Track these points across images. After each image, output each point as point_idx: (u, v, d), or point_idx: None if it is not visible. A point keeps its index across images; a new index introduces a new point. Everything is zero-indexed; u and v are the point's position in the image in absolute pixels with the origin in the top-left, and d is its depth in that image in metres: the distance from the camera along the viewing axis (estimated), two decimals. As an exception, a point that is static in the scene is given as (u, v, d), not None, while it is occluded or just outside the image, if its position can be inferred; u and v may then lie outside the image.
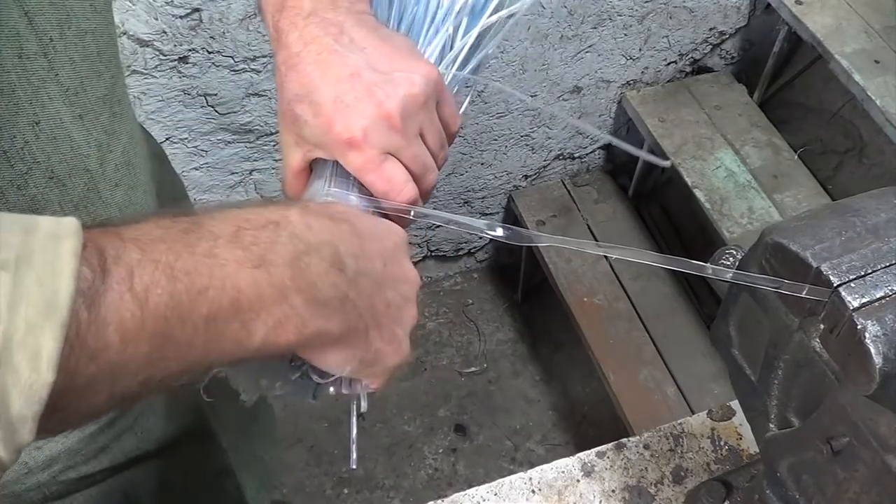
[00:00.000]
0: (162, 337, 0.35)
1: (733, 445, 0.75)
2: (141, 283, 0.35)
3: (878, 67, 1.57)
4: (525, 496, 0.72)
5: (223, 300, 0.37)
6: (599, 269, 1.81)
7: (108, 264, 0.34)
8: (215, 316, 0.37)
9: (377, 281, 0.46)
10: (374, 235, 0.47)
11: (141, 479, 0.66)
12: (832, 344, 0.44)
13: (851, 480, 0.46)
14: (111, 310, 0.34)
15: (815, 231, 0.45)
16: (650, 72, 1.89)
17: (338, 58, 0.52)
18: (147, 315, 0.35)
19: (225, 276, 0.38)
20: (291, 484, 1.78)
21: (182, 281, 0.36)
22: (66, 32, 0.47)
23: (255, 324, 0.39)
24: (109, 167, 0.54)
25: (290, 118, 0.54)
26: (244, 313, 0.38)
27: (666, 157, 1.77)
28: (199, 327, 0.37)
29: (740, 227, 1.63)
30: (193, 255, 0.37)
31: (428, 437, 1.86)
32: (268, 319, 0.39)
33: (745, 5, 1.85)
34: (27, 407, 0.30)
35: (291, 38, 0.53)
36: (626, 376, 1.65)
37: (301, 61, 0.52)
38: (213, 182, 1.60)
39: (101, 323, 0.33)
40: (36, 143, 0.47)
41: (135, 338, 0.34)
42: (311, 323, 0.41)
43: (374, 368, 0.48)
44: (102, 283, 0.34)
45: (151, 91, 1.39)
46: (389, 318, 0.47)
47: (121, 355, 0.34)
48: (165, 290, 0.35)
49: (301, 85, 0.52)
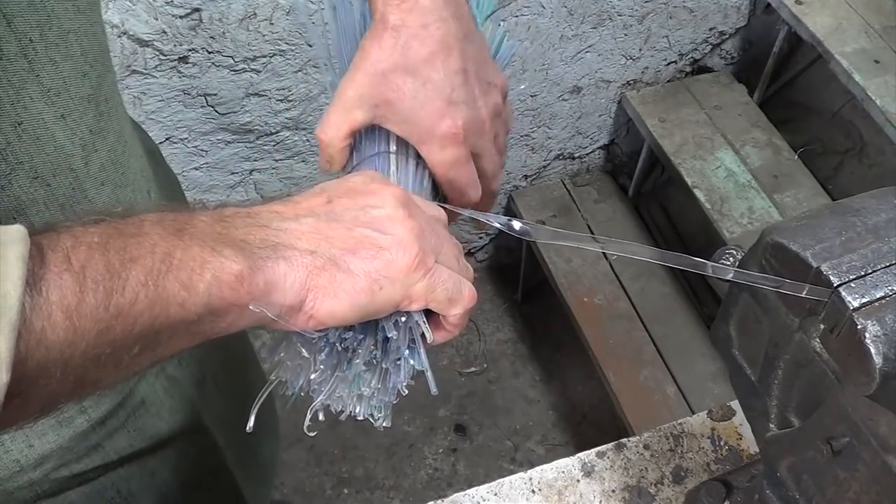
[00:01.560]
0: (104, 308, 0.36)
1: (733, 445, 0.75)
2: (77, 262, 0.36)
3: (878, 67, 1.57)
4: (525, 496, 0.72)
5: (155, 262, 0.38)
6: (599, 269, 1.81)
7: (44, 251, 0.35)
8: (152, 278, 0.38)
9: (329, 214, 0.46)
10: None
11: (135, 477, 0.66)
12: (832, 344, 0.44)
13: (851, 480, 0.46)
14: (52, 289, 0.35)
15: (815, 231, 0.45)
16: (650, 72, 1.89)
17: (457, 48, 0.54)
18: (87, 289, 0.36)
19: (153, 244, 0.39)
20: (291, 484, 1.78)
21: (116, 254, 0.37)
22: (46, 34, 0.47)
23: (193, 280, 0.39)
24: (95, 166, 0.54)
25: (394, 84, 0.54)
26: (177, 271, 0.39)
27: (666, 157, 1.77)
28: (137, 291, 0.37)
29: (740, 227, 1.63)
30: (123, 236, 0.38)
31: (428, 437, 1.86)
32: (204, 273, 0.40)
33: (745, 5, 1.85)
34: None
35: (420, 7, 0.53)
36: (626, 376, 1.65)
37: (428, 36, 0.53)
38: (213, 182, 1.60)
39: (45, 302, 0.34)
40: (19, 143, 0.47)
41: (78, 312, 0.35)
42: (255, 274, 0.41)
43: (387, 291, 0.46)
44: (41, 268, 0.35)
45: (151, 91, 1.39)
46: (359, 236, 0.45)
47: (68, 332, 0.35)
48: (100, 262, 0.37)
49: (421, 61, 0.53)
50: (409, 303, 0.47)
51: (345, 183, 0.49)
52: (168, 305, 0.38)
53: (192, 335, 0.41)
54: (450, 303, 0.49)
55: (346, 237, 0.45)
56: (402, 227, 0.46)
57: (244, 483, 0.81)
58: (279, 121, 1.54)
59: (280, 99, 1.50)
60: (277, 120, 1.54)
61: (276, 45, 1.41)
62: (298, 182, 1.68)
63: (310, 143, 1.62)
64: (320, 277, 0.44)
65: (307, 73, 1.48)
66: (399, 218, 0.47)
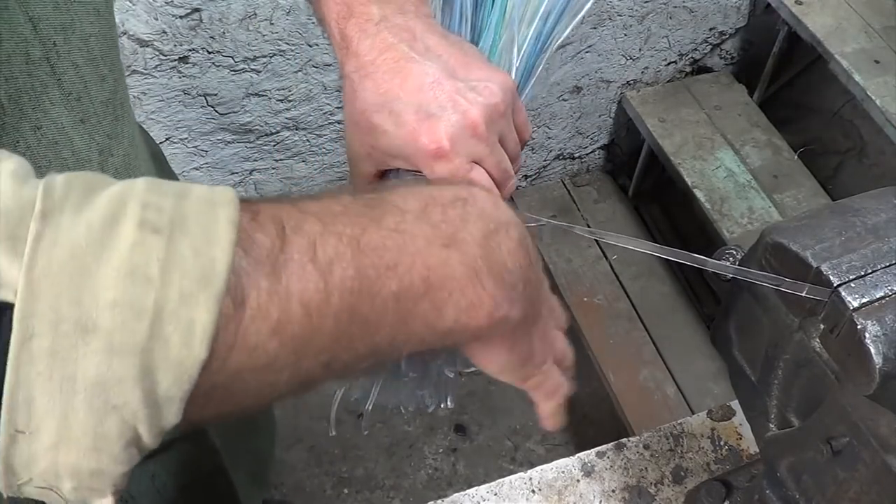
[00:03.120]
0: (348, 313, 0.33)
1: (733, 445, 0.75)
2: (324, 255, 0.33)
3: (878, 67, 1.57)
4: (525, 496, 0.72)
5: (413, 278, 0.35)
6: (599, 269, 1.81)
7: (286, 233, 0.32)
8: (405, 294, 0.35)
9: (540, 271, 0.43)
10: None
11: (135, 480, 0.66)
12: (832, 344, 0.44)
13: (851, 480, 0.46)
14: (293, 280, 0.31)
15: (815, 231, 0.45)
16: (650, 72, 1.89)
17: (416, 66, 0.50)
18: (332, 289, 0.32)
19: (415, 252, 0.36)
20: (291, 484, 1.78)
21: (369, 255, 0.34)
22: (69, 37, 0.47)
23: (447, 304, 0.37)
24: (110, 171, 0.54)
25: (366, 128, 0.52)
26: (435, 292, 0.36)
27: (666, 157, 1.77)
28: (388, 305, 0.34)
29: (740, 227, 1.63)
30: (380, 230, 0.35)
31: (428, 437, 1.85)
32: (460, 300, 0.37)
33: (745, 5, 1.85)
34: (176, 386, 0.28)
35: (363, 46, 0.51)
36: (626, 376, 1.65)
37: (377, 69, 0.51)
38: (213, 182, 1.60)
39: (284, 293, 0.31)
40: (38, 148, 0.47)
41: (319, 312, 0.32)
42: (502, 306, 0.39)
43: (525, 370, 0.46)
44: (282, 253, 0.32)
45: (151, 91, 1.39)
46: (547, 312, 0.44)
47: (305, 330, 0.32)
48: (351, 263, 0.33)
49: (379, 94, 0.50)
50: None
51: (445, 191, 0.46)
52: (414, 324, 0.36)
53: (425, 348, 0.38)
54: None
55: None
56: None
57: (239, 482, 0.82)
58: (279, 121, 1.54)
59: (280, 99, 1.50)
60: (277, 120, 1.54)
61: (276, 45, 1.41)
62: (298, 182, 1.68)
63: (310, 144, 1.62)
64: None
65: (307, 73, 1.48)
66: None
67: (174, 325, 0.28)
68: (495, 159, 0.52)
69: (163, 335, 0.28)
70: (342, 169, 1.70)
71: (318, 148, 1.64)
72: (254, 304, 0.30)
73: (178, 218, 0.29)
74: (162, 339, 0.28)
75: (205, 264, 0.29)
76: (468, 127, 0.50)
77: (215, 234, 0.30)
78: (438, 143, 0.49)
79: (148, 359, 0.28)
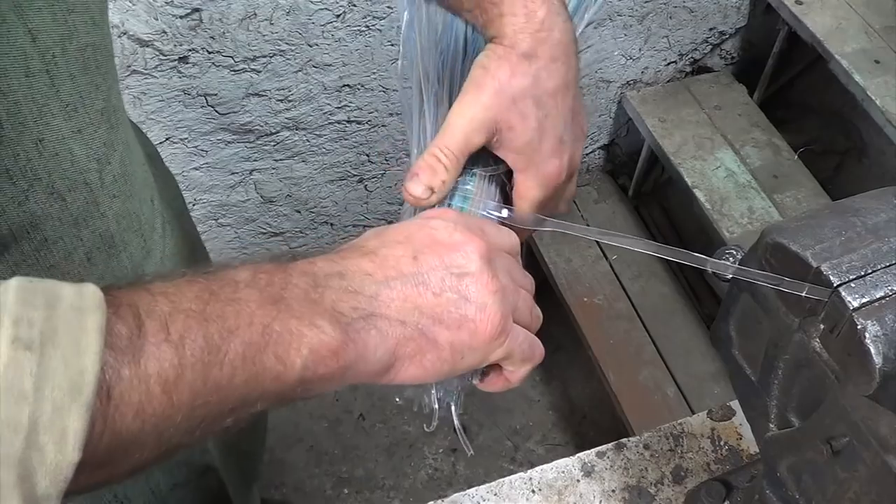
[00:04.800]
0: (202, 382, 0.36)
1: (733, 445, 0.75)
2: (176, 332, 0.35)
3: (878, 67, 1.57)
4: (525, 496, 0.72)
5: (253, 336, 0.38)
6: (599, 269, 1.81)
7: (142, 318, 0.35)
8: (250, 353, 0.38)
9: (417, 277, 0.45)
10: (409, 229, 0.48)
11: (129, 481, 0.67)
12: (832, 344, 0.44)
13: (851, 481, 0.46)
14: (151, 362, 0.34)
15: (815, 231, 0.45)
16: (650, 72, 1.89)
17: (573, 88, 0.54)
18: (185, 363, 0.35)
19: (251, 314, 0.38)
20: (291, 484, 1.78)
21: (214, 324, 0.37)
22: (67, 48, 0.47)
23: (290, 354, 0.39)
24: (108, 179, 0.54)
25: (520, 112, 0.52)
26: (276, 346, 0.38)
27: (666, 157, 1.77)
28: (236, 366, 0.37)
29: (740, 227, 1.63)
30: (219, 301, 0.38)
31: (428, 437, 1.85)
32: (301, 348, 0.39)
33: (745, 5, 1.85)
34: (52, 486, 0.30)
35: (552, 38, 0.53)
36: (626, 376, 1.65)
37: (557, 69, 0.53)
38: (213, 182, 1.60)
39: (144, 376, 0.34)
40: (38, 160, 0.47)
41: (176, 386, 0.35)
42: (348, 346, 0.41)
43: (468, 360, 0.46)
44: (139, 338, 0.34)
45: (151, 91, 1.39)
46: (445, 303, 0.45)
47: (164, 406, 0.34)
48: (199, 334, 0.36)
49: (548, 94, 0.53)
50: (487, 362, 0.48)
51: (427, 229, 0.47)
52: (264, 380, 0.38)
53: (281, 401, 0.41)
54: (522, 363, 0.50)
55: (434, 304, 0.45)
56: (486, 291, 0.46)
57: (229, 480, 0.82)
58: (279, 121, 1.54)
59: (280, 99, 1.50)
60: (277, 120, 1.54)
61: (276, 45, 1.41)
62: (298, 182, 1.68)
63: (310, 144, 1.62)
64: (407, 347, 0.44)
65: (307, 73, 1.48)
66: (484, 281, 0.46)
67: (48, 436, 0.30)
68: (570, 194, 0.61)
69: (38, 444, 0.30)
70: (342, 169, 1.70)
71: (318, 148, 1.64)
72: (117, 395, 0.33)
73: (49, 331, 0.31)
74: (38, 448, 0.30)
75: (75, 376, 0.31)
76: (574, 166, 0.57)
77: (84, 344, 0.32)
78: (560, 171, 0.54)
79: (25, 466, 0.30)
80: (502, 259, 0.49)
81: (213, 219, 1.68)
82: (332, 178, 1.72)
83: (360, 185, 1.76)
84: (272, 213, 1.73)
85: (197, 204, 1.62)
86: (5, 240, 0.48)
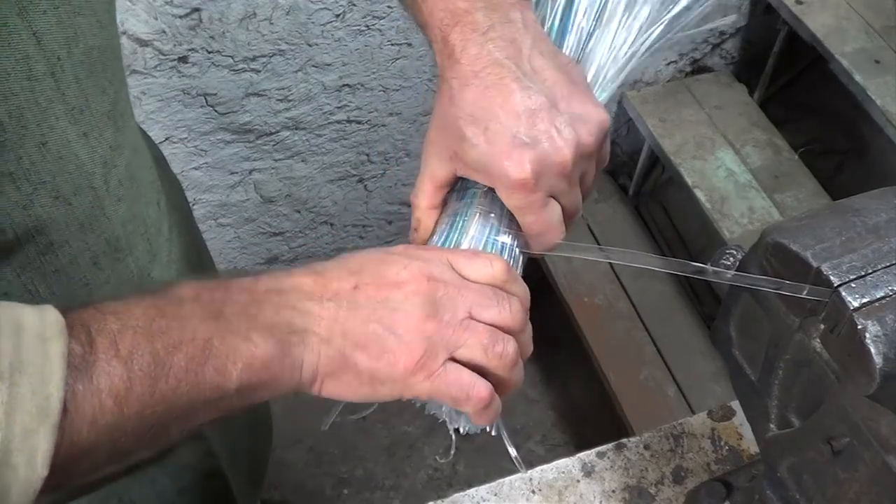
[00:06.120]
0: (149, 394, 0.39)
1: (733, 445, 0.75)
2: (125, 349, 0.38)
3: (878, 67, 1.57)
4: (525, 496, 0.71)
5: (195, 350, 0.41)
6: (599, 268, 1.81)
7: (93, 335, 0.38)
8: (192, 365, 0.41)
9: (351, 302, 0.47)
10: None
11: (136, 485, 0.67)
12: (832, 344, 0.44)
13: (852, 481, 0.46)
14: (102, 377, 0.37)
15: (815, 231, 0.45)
16: (650, 72, 1.89)
17: (520, 88, 0.51)
18: (134, 376, 0.38)
19: (193, 329, 0.41)
20: (291, 484, 1.78)
21: (159, 339, 0.40)
22: (73, 51, 0.47)
23: (228, 367, 0.42)
24: (113, 183, 0.54)
25: (456, 135, 0.52)
26: (215, 359, 0.41)
27: (666, 157, 1.77)
28: (180, 378, 0.40)
29: (740, 227, 1.63)
30: (165, 317, 0.41)
31: (428, 437, 1.85)
32: (237, 361, 0.42)
33: (745, 5, 1.85)
34: (24, 497, 0.34)
35: (467, 56, 0.52)
36: (626, 376, 1.65)
37: (480, 82, 0.51)
38: (212, 182, 1.60)
39: (96, 391, 0.37)
40: (42, 163, 0.47)
41: (126, 399, 0.38)
42: (279, 359, 0.44)
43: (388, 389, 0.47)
44: (91, 355, 0.37)
45: (151, 91, 1.39)
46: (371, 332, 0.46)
47: (116, 417, 0.38)
48: (146, 350, 0.39)
49: (478, 107, 0.51)
50: (415, 397, 0.49)
51: (380, 265, 0.49)
52: (204, 389, 0.41)
53: (223, 410, 0.44)
54: (455, 403, 0.49)
55: (360, 331, 0.46)
56: (414, 329, 0.47)
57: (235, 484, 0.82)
58: (279, 121, 1.54)
59: (280, 99, 1.50)
60: (277, 120, 1.54)
61: (276, 45, 1.41)
62: (298, 182, 1.68)
63: (310, 143, 1.62)
64: (329, 366, 0.46)
65: (307, 72, 1.48)
66: (415, 318, 0.47)
67: (19, 456, 0.34)
68: (573, 197, 0.54)
69: (11, 464, 0.34)
70: (342, 169, 1.70)
71: (318, 148, 1.63)
72: (73, 408, 0.36)
73: (17, 362, 0.35)
74: (10, 466, 0.34)
75: (42, 402, 0.35)
76: (557, 165, 0.51)
77: (49, 371, 0.35)
78: (524, 176, 0.50)
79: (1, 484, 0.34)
80: (462, 299, 0.49)
81: (212, 219, 1.68)
82: (332, 178, 1.72)
83: (360, 184, 1.76)
84: (272, 213, 1.73)
85: (197, 204, 1.62)
86: (10, 244, 0.48)
